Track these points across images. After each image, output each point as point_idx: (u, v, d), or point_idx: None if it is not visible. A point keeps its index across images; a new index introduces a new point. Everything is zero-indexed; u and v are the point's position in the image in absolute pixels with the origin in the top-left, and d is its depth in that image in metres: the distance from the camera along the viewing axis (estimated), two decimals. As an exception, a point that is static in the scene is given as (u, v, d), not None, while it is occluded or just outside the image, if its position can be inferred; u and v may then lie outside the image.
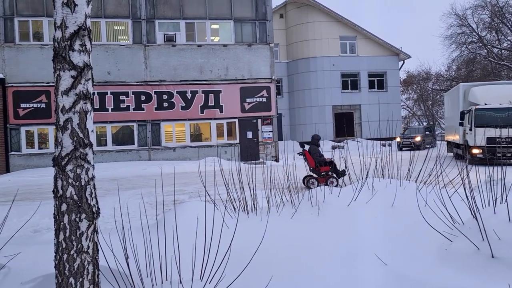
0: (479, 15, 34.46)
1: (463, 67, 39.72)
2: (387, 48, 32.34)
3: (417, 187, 5.40)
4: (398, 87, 34.69)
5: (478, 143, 15.29)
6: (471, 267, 3.83)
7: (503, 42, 35.16)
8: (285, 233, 4.83)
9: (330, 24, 31.50)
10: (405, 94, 54.00)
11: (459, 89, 18.34)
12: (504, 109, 15.98)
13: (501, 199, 4.44)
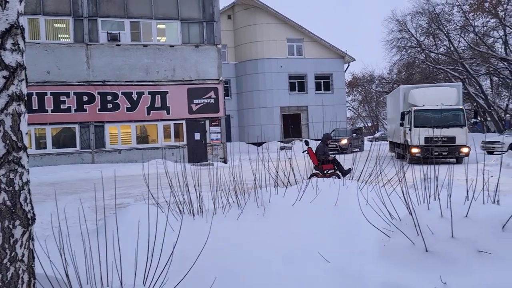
0: (418, 21, 36.30)
1: (403, 70, 41.58)
2: (333, 51, 33.23)
3: (358, 187, 5.58)
4: (343, 89, 35.76)
5: (417, 143, 16.06)
6: (407, 261, 4.02)
7: (440, 47, 37.17)
8: (231, 234, 4.84)
9: (277, 26, 31.93)
10: (351, 95, 55.84)
11: (400, 91, 19.19)
12: (440, 110, 16.90)
13: (434, 196, 4.68)
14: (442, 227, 4.06)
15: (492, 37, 34.76)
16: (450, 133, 16.49)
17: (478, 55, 34.19)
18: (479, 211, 4.19)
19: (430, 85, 21.21)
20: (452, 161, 16.26)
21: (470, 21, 32.66)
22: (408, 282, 3.72)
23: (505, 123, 35.60)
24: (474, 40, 34.24)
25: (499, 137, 23.90)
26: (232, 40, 33.00)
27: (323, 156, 11.89)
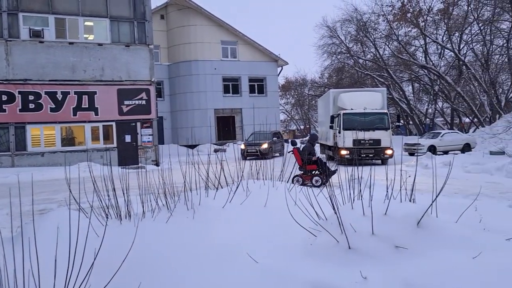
0: (347, 28, 37.88)
1: (334, 75, 43.16)
2: (266, 55, 33.73)
3: (287, 187, 5.70)
4: (277, 92, 36.39)
5: (346, 145, 16.72)
6: (331, 258, 4.17)
7: (367, 54, 39.04)
8: (160, 238, 4.75)
9: (211, 28, 31.85)
10: (284, 99, 57.00)
11: (330, 95, 19.88)
12: (366, 114, 17.73)
13: (358, 196, 4.90)
14: (364, 225, 4.26)
15: (414, 45, 37.10)
16: (376, 135, 17.36)
17: (401, 62, 36.31)
18: (397, 209, 4.45)
19: (357, 90, 22.18)
20: (378, 162, 17.14)
21: (394, 30, 34.65)
22: (332, 279, 3.85)
23: (425, 127, 38.09)
24: (398, 48, 36.32)
25: (419, 139, 25.56)
26: (165, 40, 32.43)
27: (308, 156, 11.79)
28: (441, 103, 39.92)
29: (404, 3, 31.77)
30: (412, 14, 32.06)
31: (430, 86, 36.58)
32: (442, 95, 36.02)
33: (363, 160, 16.95)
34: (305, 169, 11.75)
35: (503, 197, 8.69)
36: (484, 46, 33.63)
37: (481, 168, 13.69)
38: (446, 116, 40.05)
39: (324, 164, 11.73)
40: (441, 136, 24.59)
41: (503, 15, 28.49)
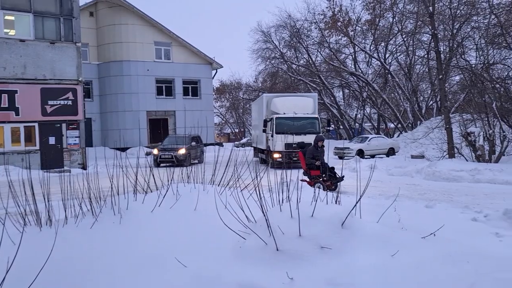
0: (281, 34, 38.66)
1: (268, 79, 43.83)
2: (201, 57, 33.51)
3: (217, 191, 5.68)
4: (211, 95, 36.26)
5: (278, 149, 17.02)
6: (260, 261, 4.21)
7: (300, 60, 40.07)
8: (84, 245, 4.55)
9: (144, 28, 31.08)
10: (218, 102, 56.97)
11: (263, 99, 20.13)
12: (298, 118, 18.17)
13: (287, 199, 4.99)
14: (291, 227, 4.35)
15: (344, 53, 38.69)
16: (308, 139, 17.81)
17: (333, 69, 37.69)
18: (323, 211, 4.60)
19: (290, 95, 22.65)
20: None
21: (326, 37, 35.92)
22: (260, 281, 3.90)
23: (354, 131, 39.79)
24: (329, 55, 37.67)
25: (348, 143, 26.65)
26: (95, 39, 31.16)
27: (310, 160, 10.96)
28: (369, 109, 41.91)
29: (334, 12, 33.08)
30: (342, 23, 33.44)
31: (359, 93, 38.29)
32: (370, 101, 37.83)
33: (295, 163, 17.33)
34: (309, 174, 10.99)
35: (421, 198, 9.29)
36: (407, 57, 35.81)
37: (403, 171, 14.52)
38: (373, 121, 42.09)
39: (330, 170, 10.75)
40: (369, 140, 25.79)
41: (424, 28, 30.49)
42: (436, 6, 24.17)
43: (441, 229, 4.81)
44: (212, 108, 37.17)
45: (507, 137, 16.94)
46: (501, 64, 23.70)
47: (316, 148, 11.09)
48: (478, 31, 24.25)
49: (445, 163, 14.52)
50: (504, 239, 5.17)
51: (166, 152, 20.41)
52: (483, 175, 12.59)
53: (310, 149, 11.11)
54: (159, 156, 20.23)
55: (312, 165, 10.87)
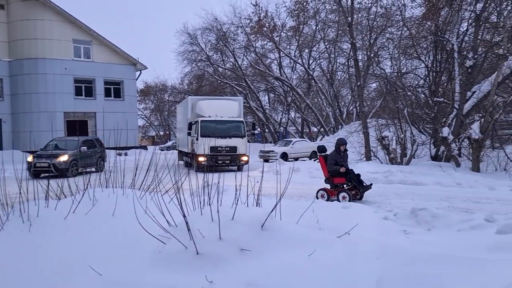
0: (207, 36, 38.50)
1: (194, 81, 43.44)
2: (124, 57, 32.40)
3: (136, 195, 5.53)
4: (135, 96, 35.20)
5: (203, 152, 16.92)
6: (180, 265, 4.17)
7: (227, 63, 40.23)
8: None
9: (62, 24, 29.41)
10: (143, 104, 55.47)
11: (188, 102, 19.91)
12: (223, 121, 18.21)
13: (209, 202, 4.97)
14: (212, 230, 4.35)
15: (269, 58, 39.43)
16: (232, 143, 17.94)
17: (258, 73, 38.26)
18: (244, 213, 4.65)
19: (215, 98, 22.64)
20: (234, 168, 17.71)
21: (252, 42, 36.39)
22: (180, 285, 3.86)
23: (279, 135, 40.67)
24: (255, 60, 38.21)
25: (273, 147, 27.18)
26: (6, 34, 28.92)
27: (334, 166, 9.90)
28: (293, 113, 43.10)
29: (260, 17, 33.63)
30: (268, 29, 34.09)
31: (284, 97, 39.26)
32: (294, 106, 38.93)
33: (220, 167, 17.36)
34: (331, 182, 9.94)
35: (339, 199, 9.70)
36: (329, 63, 37.40)
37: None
38: (297, 125, 43.31)
39: (357, 177, 9.85)
40: (292, 144, 26.50)
41: (344, 36, 32.00)
42: (355, 17, 25.51)
43: (356, 228, 5.07)
44: (136, 110, 36.10)
45: (417, 141, 18.26)
46: (412, 73, 25.54)
47: (338, 153, 10.11)
48: (392, 42, 25.94)
49: (362, 166, 15.30)
50: (411, 235, 5.56)
51: (42, 159, 16.35)
52: (395, 176, 13.45)
53: (332, 154, 10.09)
54: (34, 165, 16.15)
55: (336, 172, 9.82)
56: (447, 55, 20.05)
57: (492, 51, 18.27)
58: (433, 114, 18.61)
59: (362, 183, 9.85)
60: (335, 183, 9.91)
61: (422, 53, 22.97)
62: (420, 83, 24.19)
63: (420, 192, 11.17)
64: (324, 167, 10.10)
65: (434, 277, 3.72)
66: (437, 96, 19.36)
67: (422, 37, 21.66)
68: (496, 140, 18.44)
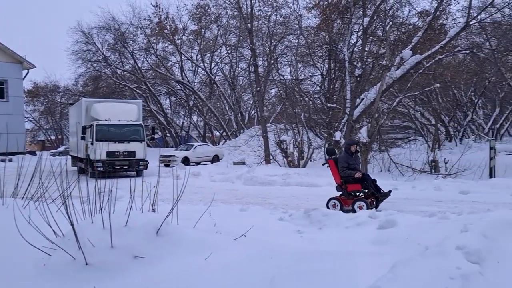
0: (104, 36, 36.69)
1: (90, 83, 41.14)
2: (8, 55, 29.63)
3: (18, 205, 5.09)
4: (22, 97, 32.38)
5: (99, 157, 16.09)
6: (67, 277, 3.92)
7: (126, 65, 38.69)
8: None
9: None
10: (31, 105, 51.10)
11: (82, 104, 18.80)
12: (121, 125, 17.51)
13: (103, 209, 4.73)
14: (103, 238, 4.16)
15: (171, 61, 38.81)
16: (131, 147, 17.31)
17: (159, 76, 37.41)
18: (137, 219, 4.51)
19: (112, 100, 21.64)
20: (133, 174, 17.10)
21: (152, 44, 35.49)
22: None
23: (181, 139, 40.17)
24: (156, 62, 37.31)
25: (174, 151, 26.78)
26: None
27: (347, 171, 8.70)
28: (196, 117, 42.87)
29: (161, 19, 32.95)
30: (168, 31, 33.53)
31: (186, 101, 38.89)
32: (197, 110, 38.75)
33: (117, 172, 16.66)
34: (344, 190, 8.76)
35: (239, 202, 9.88)
36: (231, 68, 37.89)
37: (224, 177, 15.24)
38: (200, 129, 43.16)
39: (373, 183, 8.73)
40: (194, 148, 26.37)
41: (245, 42, 32.66)
42: (255, 23, 26.23)
43: (252, 230, 5.19)
44: (23, 112, 33.18)
45: (313, 144, 19.26)
46: (309, 80, 26.93)
47: (350, 155, 8.92)
48: (290, 50, 27.13)
49: (261, 169, 15.75)
50: (304, 235, 5.84)
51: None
52: (292, 178, 14.05)
53: (343, 157, 8.87)
54: None
55: (350, 178, 8.65)
56: (340, 64, 21.48)
57: (378, 62, 19.99)
58: (328, 119, 19.79)
59: (379, 190, 8.72)
60: (349, 191, 8.71)
61: (317, 61, 24.37)
62: (316, 89, 25.61)
63: (315, 193, 11.79)
64: (336, 172, 8.87)
65: (322, 272, 3.95)
66: (331, 102, 20.63)
67: (317, 46, 22.97)
68: (382, 143, 20.17)
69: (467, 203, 9.56)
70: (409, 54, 18.20)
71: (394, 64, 18.78)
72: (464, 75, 27.22)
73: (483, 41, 24.59)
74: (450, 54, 21.60)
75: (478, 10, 19.55)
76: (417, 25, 21.97)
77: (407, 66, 18.07)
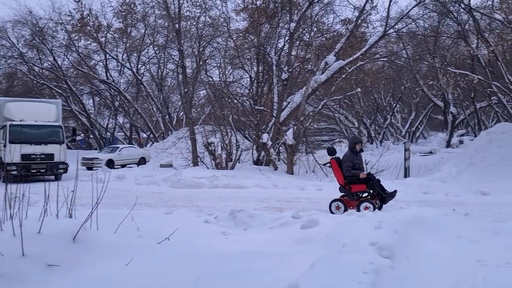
0: (20, 31, 34.31)
1: (4, 81, 38.38)
2: None
3: None
4: None
5: (13, 160, 15.04)
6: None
7: (44, 62, 36.46)
8: None
9: None
10: None
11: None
12: (39, 126, 16.48)
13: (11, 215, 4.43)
14: (14, 246, 3.89)
15: (94, 59, 37.16)
16: (49, 150, 16.34)
17: (82, 75, 35.65)
18: (53, 226, 4.28)
19: (29, 100, 20.29)
20: (51, 178, 16.14)
21: (74, 41, 33.71)
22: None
23: (106, 141, 38.60)
24: (78, 60, 35.52)
25: (98, 154, 25.70)
26: None
27: (352, 171, 8.31)
28: (121, 118, 41.42)
29: (83, 15, 31.46)
30: (92, 28, 32.12)
31: (111, 101, 37.45)
32: (122, 111, 37.47)
33: (34, 176, 15.65)
34: (348, 191, 8.41)
35: (164, 205, 9.69)
36: (159, 69, 37.14)
37: (150, 180, 14.88)
38: (126, 131, 41.79)
39: (377, 183, 8.36)
40: (119, 150, 25.50)
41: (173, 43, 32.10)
42: (184, 24, 25.96)
43: (177, 233, 5.12)
44: None
45: (240, 146, 19.41)
46: (238, 82, 27.15)
47: (354, 153, 8.57)
48: (219, 51, 27.18)
49: (189, 171, 15.59)
50: (229, 236, 5.87)
51: None
52: (220, 181, 14.05)
53: (348, 156, 8.49)
54: None
55: (355, 178, 8.32)
56: (268, 67, 21.89)
57: (304, 66, 20.65)
58: (256, 122, 20.06)
59: (385, 190, 8.42)
60: (353, 192, 8.38)
61: (246, 64, 24.65)
62: (245, 92, 25.86)
63: (242, 195, 11.89)
64: (339, 173, 8.51)
65: (246, 273, 3.99)
66: (259, 104, 20.95)
67: (246, 49, 23.24)
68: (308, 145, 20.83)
69: (384, 201, 10.14)
70: (333, 59, 19.01)
71: (319, 69, 19.51)
72: (383, 80, 29.00)
73: (400, 50, 26.33)
74: (370, 61, 22.86)
75: (396, 21, 20.89)
76: (341, 32, 23.03)
77: (331, 71, 18.86)
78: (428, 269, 4.13)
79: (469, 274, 4.04)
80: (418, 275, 3.98)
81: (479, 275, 4.02)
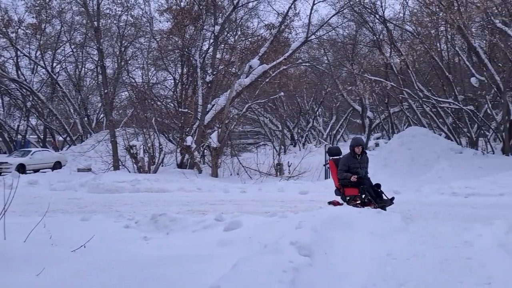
0: None
1: None
2: None
3: None
4: None
5: None
6: None
7: None
8: None
9: None
10: None
11: None
12: None
13: None
14: None
15: (4, 56, 34.43)
16: None
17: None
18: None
19: None
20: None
21: (-21, 36, 31.02)
22: None
23: (16, 144, 35.89)
24: (-17, 57, 32.76)
25: (7, 158, 23.86)
26: None
27: (343, 174, 7.79)
28: (34, 120, 38.71)
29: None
30: (1, 22, 29.78)
31: (22, 102, 34.89)
32: (35, 112, 35.07)
33: None
34: (342, 194, 8.00)
35: (81, 211, 9.21)
36: (76, 68, 35.26)
37: (66, 185, 14.05)
38: (39, 134, 39.18)
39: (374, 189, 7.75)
40: (31, 154, 23.90)
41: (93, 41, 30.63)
42: (104, 22, 24.94)
43: (94, 240, 4.89)
44: None
45: (163, 149, 19.01)
46: (161, 84, 26.61)
47: (354, 156, 8.03)
48: (142, 52, 26.45)
49: (109, 175, 14.95)
50: (150, 241, 5.72)
51: None
52: (142, 184, 13.63)
53: (345, 158, 8.07)
54: None
55: (347, 181, 7.86)
56: (192, 69, 21.70)
57: (228, 69, 20.74)
58: (180, 124, 19.77)
59: (380, 196, 7.76)
60: (346, 195, 7.99)
61: (170, 65, 24.22)
62: (169, 94, 25.40)
63: (165, 198, 11.64)
64: (335, 175, 8.20)
65: (166, 278, 3.92)
66: (183, 107, 20.67)
67: (170, 50, 22.85)
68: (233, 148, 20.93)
69: (305, 202, 10.47)
70: (257, 63, 19.32)
71: (243, 72, 19.72)
72: (305, 85, 30.01)
73: (321, 56, 27.42)
74: (293, 65, 23.55)
75: (317, 27, 21.73)
76: (265, 37, 23.47)
77: (255, 74, 19.14)
78: (344, 264, 4.33)
79: (380, 267, 4.30)
80: (335, 270, 4.16)
81: (389, 268, 4.29)
